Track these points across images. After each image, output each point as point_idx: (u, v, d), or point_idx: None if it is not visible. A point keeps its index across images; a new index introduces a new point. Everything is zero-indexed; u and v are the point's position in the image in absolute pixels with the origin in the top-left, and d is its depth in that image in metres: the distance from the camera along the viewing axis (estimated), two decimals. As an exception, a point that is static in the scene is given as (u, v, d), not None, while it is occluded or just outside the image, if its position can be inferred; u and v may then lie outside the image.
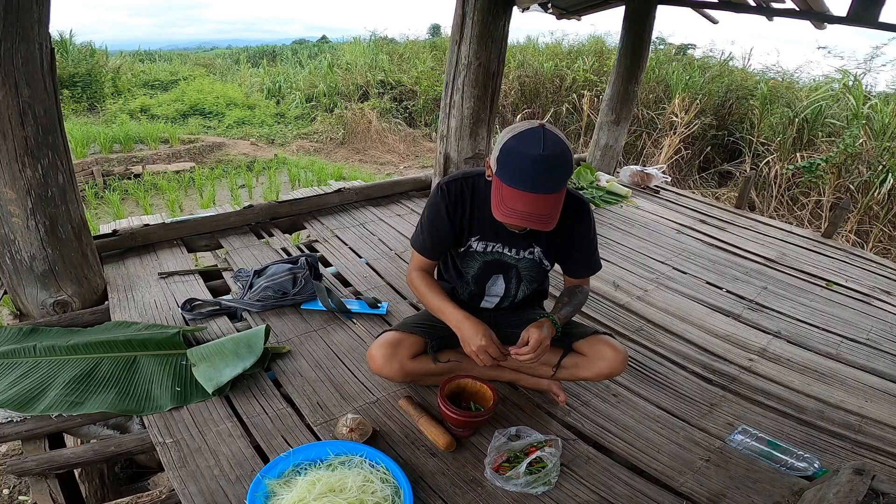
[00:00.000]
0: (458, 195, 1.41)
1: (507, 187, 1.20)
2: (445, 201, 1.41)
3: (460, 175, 1.44)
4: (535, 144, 1.16)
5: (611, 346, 1.48)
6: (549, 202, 1.20)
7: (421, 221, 1.49)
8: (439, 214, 1.42)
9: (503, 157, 1.20)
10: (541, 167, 1.16)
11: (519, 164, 1.17)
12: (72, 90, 7.84)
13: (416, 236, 1.50)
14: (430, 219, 1.45)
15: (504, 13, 2.74)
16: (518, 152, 1.18)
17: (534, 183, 1.17)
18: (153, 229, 2.37)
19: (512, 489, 1.27)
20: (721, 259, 3.02)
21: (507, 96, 7.45)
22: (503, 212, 1.21)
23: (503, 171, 1.20)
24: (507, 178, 1.19)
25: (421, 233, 1.48)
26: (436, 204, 1.42)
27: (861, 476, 1.16)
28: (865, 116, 5.00)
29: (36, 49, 1.53)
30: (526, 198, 1.18)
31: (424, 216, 1.47)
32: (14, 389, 1.43)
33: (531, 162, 1.16)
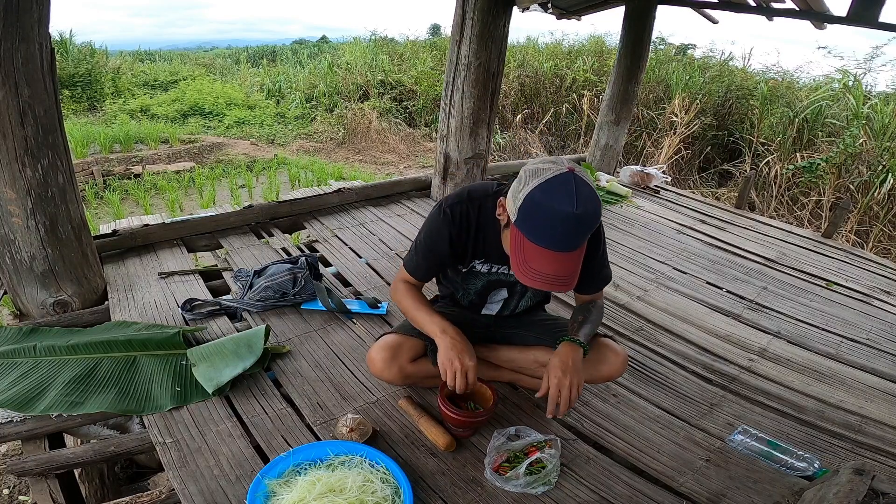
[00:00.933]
0: (463, 220, 1.30)
1: (529, 244, 1.07)
2: (449, 227, 1.30)
3: (465, 196, 1.31)
4: (567, 200, 1.02)
5: (611, 350, 1.47)
6: (574, 259, 1.09)
7: (417, 243, 1.38)
8: (440, 239, 1.32)
9: (528, 210, 1.06)
10: (572, 226, 1.03)
11: (547, 222, 1.04)
12: (72, 90, 7.84)
13: (409, 258, 1.41)
14: (427, 243, 1.35)
15: (504, 13, 2.74)
16: (547, 208, 1.03)
17: (562, 243, 1.05)
18: (153, 229, 2.37)
19: (512, 489, 1.27)
20: (721, 259, 3.02)
21: (507, 96, 7.44)
22: (527, 274, 1.08)
23: (527, 226, 1.07)
24: (532, 234, 1.06)
25: (415, 254, 1.39)
26: (437, 229, 1.32)
27: (861, 476, 1.16)
28: (865, 116, 5.00)
29: (36, 49, 1.53)
30: (550, 257, 1.06)
31: (422, 238, 1.36)
32: (14, 389, 1.43)
33: (562, 221, 1.03)
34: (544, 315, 1.67)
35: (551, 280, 1.08)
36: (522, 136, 6.96)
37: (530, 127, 7.18)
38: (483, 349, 1.60)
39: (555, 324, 1.58)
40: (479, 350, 1.59)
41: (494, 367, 1.60)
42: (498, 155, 6.59)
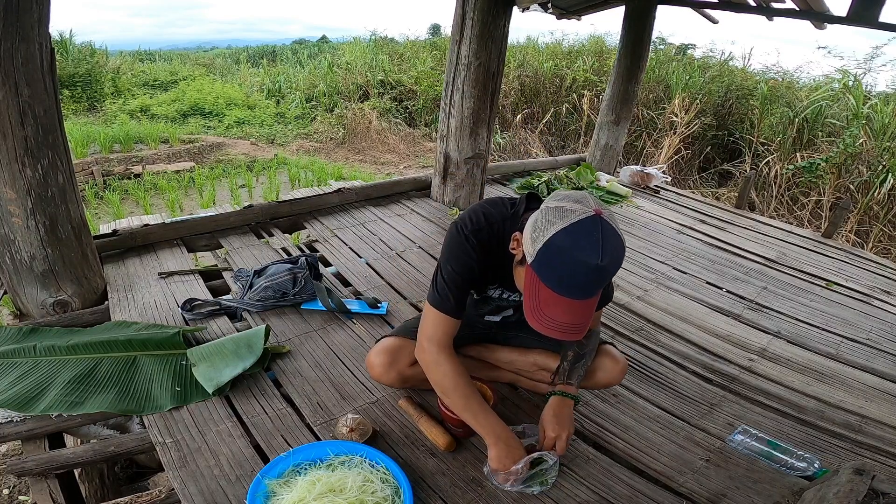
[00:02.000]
0: (486, 248, 1.21)
1: (545, 289, 1.02)
2: (476, 253, 1.21)
3: (485, 224, 1.21)
4: (593, 250, 0.95)
5: (610, 357, 1.46)
6: (590, 306, 1.04)
7: (443, 277, 1.23)
8: (471, 268, 1.21)
9: (548, 255, 0.99)
10: (594, 277, 0.98)
11: (568, 271, 0.98)
12: (72, 90, 7.83)
13: (440, 297, 1.23)
14: (458, 272, 1.21)
15: (504, 13, 2.74)
16: (569, 256, 0.97)
17: (581, 292, 1.01)
18: (153, 229, 2.37)
19: (509, 488, 1.27)
20: (721, 259, 3.02)
21: (507, 96, 7.44)
22: (540, 321, 1.03)
23: (546, 271, 1.01)
24: (550, 281, 1.01)
25: (448, 290, 1.22)
26: (466, 256, 1.21)
27: (861, 476, 1.16)
28: (865, 116, 5.01)
29: (36, 49, 1.53)
30: (566, 305, 1.01)
31: (451, 271, 1.22)
32: (14, 389, 1.43)
33: (584, 272, 0.97)
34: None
35: (566, 328, 1.03)
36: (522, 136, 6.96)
37: (530, 127, 7.18)
38: (483, 350, 1.60)
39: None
40: (479, 350, 1.59)
41: (494, 367, 1.60)
42: (498, 155, 6.60)
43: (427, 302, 1.27)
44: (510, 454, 1.22)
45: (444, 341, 1.25)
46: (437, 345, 1.25)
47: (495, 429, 1.23)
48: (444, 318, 1.24)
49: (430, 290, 1.27)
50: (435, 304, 1.24)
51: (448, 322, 1.24)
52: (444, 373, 1.24)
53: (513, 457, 1.22)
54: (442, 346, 1.25)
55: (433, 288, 1.25)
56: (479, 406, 1.24)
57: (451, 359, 1.25)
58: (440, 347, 1.25)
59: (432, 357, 1.25)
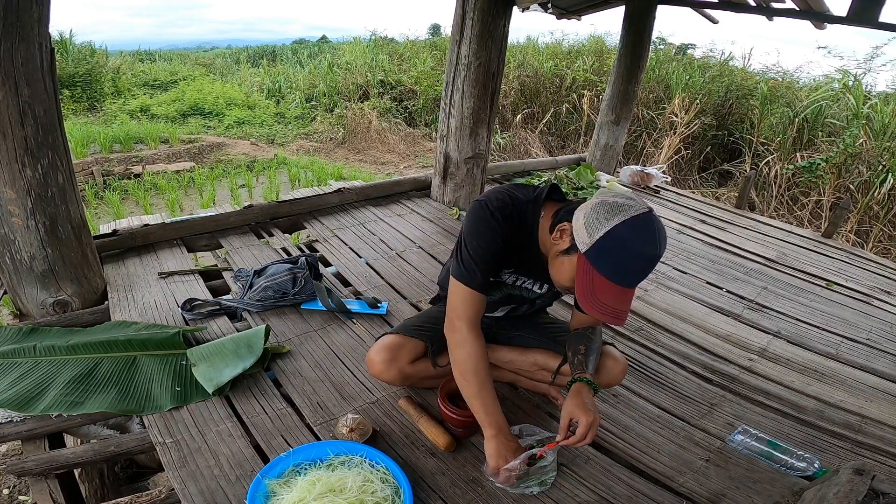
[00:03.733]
0: (510, 225, 1.22)
1: (601, 278, 1.05)
2: (500, 227, 1.20)
3: (509, 202, 1.22)
4: (652, 241, 1.03)
5: (611, 358, 1.46)
6: (632, 296, 1.11)
7: (469, 252, 1.21)
8: (495, 241, 1.21)
9: (609, 245, 1.04)
10: (649, 265, 1.06)
11: (630, 261, 1.04)
12: (72, 90, 7.83)
13: (467, 272, 1.22)
14: (484, 246, 1.20)
15: (504, 13, 2.74)
16: (632, 247, 1.03)
17: (634, 279, 1.07)
18: (153, 229, 2.37)
19: (510, 489, 1.27)
20: (721, 259, 3.02)
21: (507, 96, 7.44)
22: (594, 305, 1.07)
23: (604, 261, 1.05)
24: (608, 270, 1.05)
25: (475, 263, 1.20)
26: (490, 230, 1.20)
27: (861, 476, 1.16)
28: (865, 116, 5.01)
29: (36, 49, 1.53)
30: (619, 292, 1.07)
31: (475, 244, 1.21)
32: (14, 389, 1.43)
33: (643, 260, 1.04)
34: (546, 318, 1.67)
35: (616, 313, 1.08)
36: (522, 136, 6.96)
37: (530, 127, 7.18)
38: (483, 349, 1.59)
39: (556, 327, 1.58)
40: None
41: (494, 367, 1.59)
42: (498, 155, 6.60)
43: (454, 278, 1.25)
44: (509, 448, 1.22)
45: (474, 320, 1.24)
46: (467, 323, 1.24)
47: (499, 421, 1.23)
48: (473, 294, 1.23)
49: (454, 267, 1.25)
50: (463, 279, 1.22)
51: (477, 298, 1.23)
52: (469, 353, 1.23)
53: (511, 451, 1.22)
54: (472, 325, 1.24)
55: (459, 264, 1.24)
56: (491, 396, 1.24)
57: (478, 341, 1.24)
58: (470, 327, 1.24)
59: (462, 336, 1.24)
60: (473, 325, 1.25)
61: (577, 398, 1.23)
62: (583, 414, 1.19)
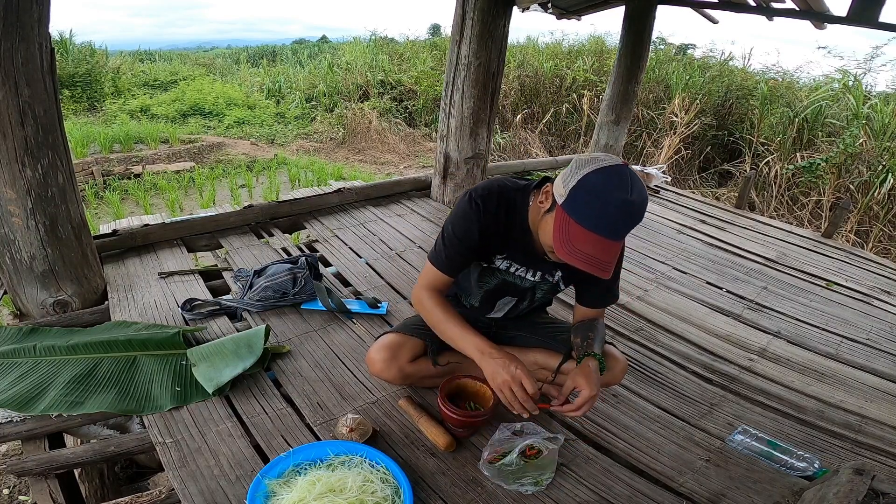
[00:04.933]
0: (492, 211, 1.27)
1: (576, 226, 1.07)
2: (479, 217, 1.26)
3: (495, 189, 1.28)
4: (622, 187, 1.04)
5: (611, 356, 1.46)
6: (614, 249, 1.10)
7: (444, 235, 1.32)
8: (469, 230, 1.27)
9: (581, 194, 1.07)
10: (624, 213, 1.05)
11: (601, 207, 1.05)
12: (72, 90, 7.83)
13: (436, 252, 1.33)
14: (458, 234, 1.29)
15: (504, 13, 2.74)
16: (602, 191, 1.05)
17: (611, 229, 1.06)
18: (153, 229, 2.37)
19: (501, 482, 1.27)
20: (721, 259, 3.02)
21: (507, 96, 7.45)
22: (568, 251, 1.08)
23: (579, 209, 1.07)
24: (582, 216, 1.06)
25: (444, 248, 1.31)
26: (466, 218, 1.27)
27: (861, 476, 1.16)
28: (865, 116, 5.01)
29: (36, 49, 1.53)
30: (596, 242, 1.07)
31: (450, 230, 1.30)
32: (14, 389, 1.43)
33: (616, 206, 1.04)
34: (546, 318, 1.67)
35: (591, 261, 1.07)
36: (522, 136, 6.96)
37: (530, 127, 7.18)
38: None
39: (556, 327, 1.58)
40: None
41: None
42: (498, 155, 6.60)
43: (429, 259, 1.37)
44: (504, 364, 1.21)
45: (429, 286, 1.36)
46: (421, 286, 1.37)
47: (478, 344, 1.26)
48: (434, 271, 1.34)
49: (432, 250, 1.37)
50: (430, 258, 1.36)
51: (437, 274, 1.34)
52: (430, 307, 1.34)
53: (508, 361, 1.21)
54: (425, 287, 1.36)
55: (434, 246, 1.36)
56: (458, 327, 1.29)
57: (431, 294, 1.35)
58: (423, 288, 1.37)
59: (418, 295, 1.38)
60: (429, 289, 1.36)
61: (585, 370, 1.27)
62: (586, 385, 1.23)
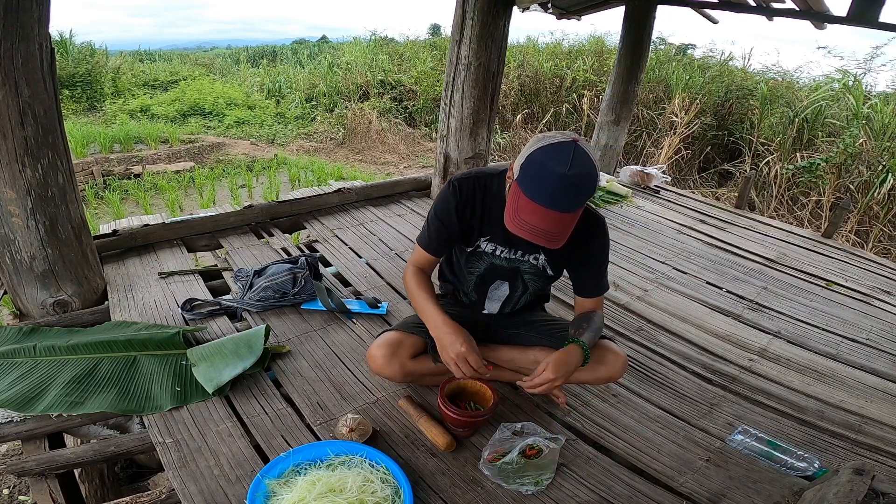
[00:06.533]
0: (469, 194, 1.39)
1: (524, 197, 1.16)
2: (456, 199, 1.38)
3: (473, 174, 1.41)
4: (563, 161, 1.11)
5: (611, 352, 1.48)
6: (563, 221, 1.16)
7: (428, 218, 1.46)
8: (448, 211, 1.40)
9: (527, 167, 1.16)
10: (563, 185, 1.12)
11: (541, 178, 1.13)
12: (72, 90, 7.83)
13: (422, 233, 1.49)
14: (437, 215, 1.42)
15: (504, 13, 2.74)
16: (543, 165, 1.13)
17: (551, 200, 1.13)
18: (153, 229, 2.37)
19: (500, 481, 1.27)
20: (721, 259, 3.02)
21: (507, 96, 7.44)
22: (515, 223, 1.17)
23: (524, 180, 1.16)
24: (527, 189, 1.15)
25: (427, 228, 1.46)
26: (445, 200, 1.40)
27: (861, 476, 1.16)
28: (865, 116, 5.01)
29: (36, 49, 1.53)
30: (541, 213, 1.14)
31: (432, 213, 1.44)
32: (14, 389, 1.43)
33: (554, 178, 1.11)
34: (544, 315, 1.68)
35: (537, 232, 1.15)
36: (522, 136, 6.96)
37: (530, 127, 7.18)
38: (484, 349, 1.60)
39: (555, 325, 1.59)
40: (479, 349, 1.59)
41: (495, 366, 1.60)
42: (498, 155, 6.59)
43: (416, 239, 1.52)
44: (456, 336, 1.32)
45: (416, 264, 1.51)
46: (410, 264, 1.52)
47: (435, 317, 1.37)
48: (420, 250, 1.49)
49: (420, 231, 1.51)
50: (417, 237, 1.51)
51: (422, 253, 1.49)
52: (408, 279, 1.49)
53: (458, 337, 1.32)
54: (410, 265, 1.52)
55: (422, 229, 1.49)
56: (425, 301, 1.42)
57: (416, 272, 1.49)
58: (411, 265, 1.52)
59: (405, 271, 1.53)
60: (412, 266, 1.51)
61: (562, 354, 1.33)
62: (550, 366, 1.30)
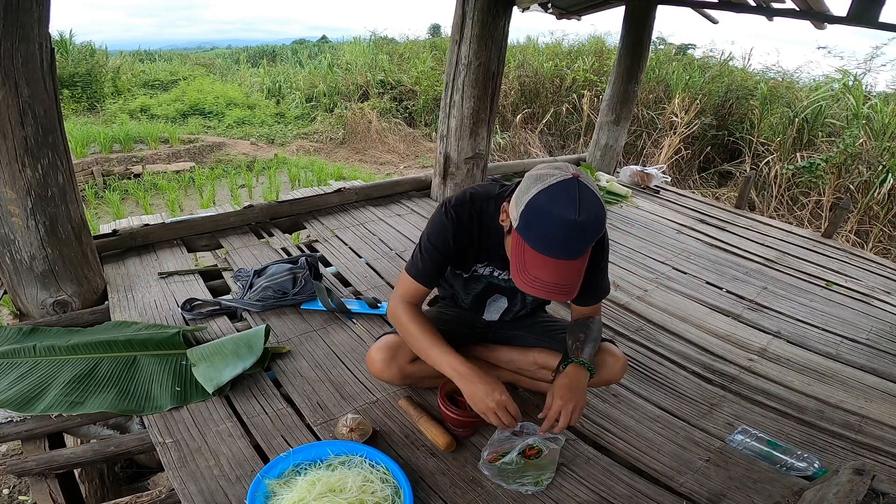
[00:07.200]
0: (466, 221, 1.29)
1: (530, 251, 1.05)
2: (453, 226, 1.28)
3: (467, 198, 1.30)
4: (570, 206, 1.00)
5: (611, 355, 1.46)
6: (575, 268, 1.07)
7: (421, 246, 1.32)
8: (445, 240, 1.29)
9: (529, 216, 1.04)
10: (574, 233, 1.01)
11: (549, 229, 1.02)
12: (72, 90, 7.83)
13: (413, 264, 1.33)
14: (433, 243, 1.30)
15: (504, 13, 2.74)
16: (548, 213, 1.02)
17: (563, 250, 1.04)
18: (153, 229, 2.37)
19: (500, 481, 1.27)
20: (721, 259, 3.02)
21: (507, 96, 7.44)
22: (526, 281, 1.07)
23: (528, 232, 1.05)
24: (533, 241, 1.04)
25: (420, 258, 1.31)
26: (441, 227, 1.29)
27: (861, 476, 1.16)
28: (865, 116, 5.01)
29: (36, 49, 1.53)
30: (551, 265, 1.05)
31: (426, 240, 1.31)
32: (14, 389, 1.43)
33: (563, 227, 1.01)
34: (545, 317, 1.67)
35: (550, 288, 1.06)
36: (522, 136, 6.96)
37: (530, 127, 7.18)
38: (483, 349, 1.60)
39: (555, 326, 1.58)
40: (479, 350, 1.60)
41: (494, 367, 1.60)
42: (498, 155, 6.59)
43: (405, 270, 1.36)
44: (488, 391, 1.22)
45: (405, 298, 1.35)
46: (397, 299, 1.36)
47: (454, 364, 1.25)
48: (409, 281, 1.33)
49: (409, 261, 1.36)
50: (407, 268, 1.35)
51: (413, 285, 1.33)
52: (401, 322, 1.33)
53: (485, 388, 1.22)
54: (401, 300, 1.35)
55: (411, 256, 1.35)
56: (436, 346, 1.28)
57: (407, 308, 1.33)
58: (399, 301, 1.35)
59: (392, 309, 1.37)
60: (405, 302, 1.34)
61: (565, 379, 1.28)
62: (560, 395, 1.23)
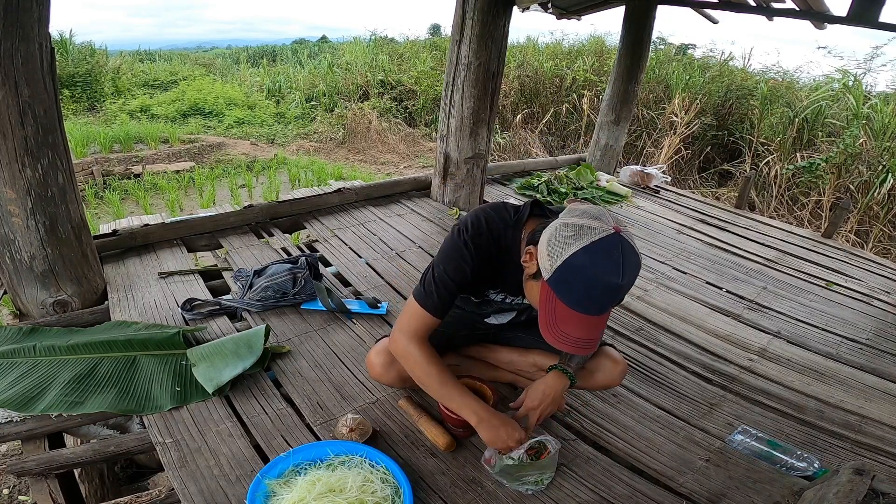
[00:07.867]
0: (485, 254, 1.22)
1: (562, 306, 1.01)
2: (472, 259, 1.20)
3: (484, 228, 1.21)
4: (614, 269, 0.95)
5: (610, 359, 1.46)
6: (603, 320, 1.06)
7: (433, 276, 1.23)
8: (463, 273, 1.21)
9: (567, 273, 0.98)
10: (613, 295, 0.99)
11: (587, 289, 0.98)
12: (72, 90, 7.83)
13: (427, 294, 1.23)
14: (451, 277, 1.21)
15: (504, 13, 2.74)
16: (589, 276, 0.96)
17: (598, 308, 1.01)
18: (153, 229, 2.37)
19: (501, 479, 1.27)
20: (721, 259, 3.02)
21: (507, 96, 7.44)
22: (556, 337, 1.04)
23: (564, 288, 1.00)
24: (568, 298, 1.00)
25: (436, 290, 1.22)
26: (460, 260, 1.21)
27: (861, 476, 1.16)
28: (865, 116, 5.01)
29: (36, 49, 1.53)
30: (583, 321, 1.02)
31: (442, 272, 1.22)
32: (14, 389, 1.43)
33: (604, 291, 0.97)
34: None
35: (580, 343, 1.04)
36: (522, 136, 6.96)
37: (530, 127, 7.18)
38: (483, 350, 1.60)
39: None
40: (479, 350, 1.60)
41: (494, 367, 1.60)
42: (498, 155, 6.59)
43: (412, 296, 1.27)
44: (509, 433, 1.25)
45: (417, 334, 1.26)
46: (407, 335, 1.26)
47: (475, 409, 1.25)
48: (423, 314, 1.24)
49: (417, 285, 1.27)
50: (419, 298, 1.25)
51: (426, 318, 1.24)
52: (416, 361, 1.26)
53: (506, 430, 1.24)
54: (413, 337, 1.26)
55: (421, 284, 1.25)
56: (456, 389, 1.26)
57: (421, 347, 1.25)
58: (410, 338, 1.26)
59: (402, 347, 1.27)
60: (414, 338, 1.26)
61: (542, 384, 1.34)
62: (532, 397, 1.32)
